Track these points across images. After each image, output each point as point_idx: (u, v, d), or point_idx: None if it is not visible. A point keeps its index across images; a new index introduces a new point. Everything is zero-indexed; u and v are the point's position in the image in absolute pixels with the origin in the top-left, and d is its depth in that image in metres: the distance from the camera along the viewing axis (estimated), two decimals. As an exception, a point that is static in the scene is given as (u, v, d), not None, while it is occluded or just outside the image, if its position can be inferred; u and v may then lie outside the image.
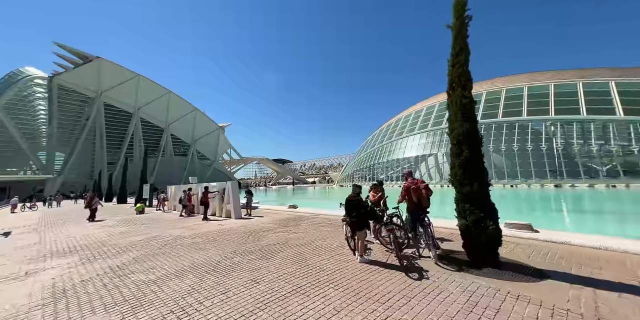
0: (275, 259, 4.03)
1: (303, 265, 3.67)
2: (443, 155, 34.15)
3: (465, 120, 3.28)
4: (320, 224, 7.22)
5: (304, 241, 5.13)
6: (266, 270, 3.53)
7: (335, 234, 5.69)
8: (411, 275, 3.14)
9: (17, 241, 7.21)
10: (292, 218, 8.65)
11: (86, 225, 9.71)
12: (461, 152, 3.20)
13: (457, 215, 3.25)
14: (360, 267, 3.49)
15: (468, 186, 3.04)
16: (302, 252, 4.38)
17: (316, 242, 4.97)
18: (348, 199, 3.84)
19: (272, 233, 6.20)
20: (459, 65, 3.48)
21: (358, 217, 3.63)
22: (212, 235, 6.32)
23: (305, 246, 4.73)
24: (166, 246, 5.44)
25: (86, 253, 5.24)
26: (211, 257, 4.37)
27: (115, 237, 6.80)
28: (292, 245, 4.88)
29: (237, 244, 5.24)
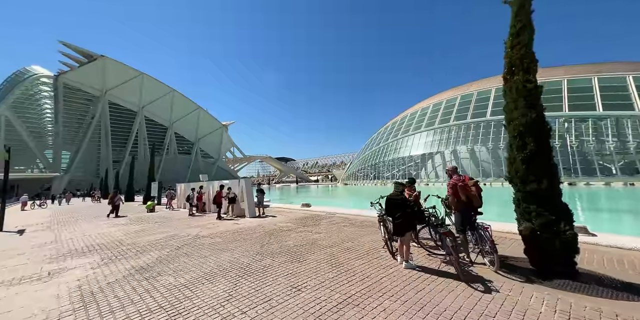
0: (308, 262, 3.81)
1: (342, 270, 3.43)
2: (451, 153, 33.68)
3: (530, 108, 2.89)
4: (340, 223, 7.00)
5: (331, 242, 4.91)
6: (303, 275, 3.30)
7: (362, 235, 5.46)
8: (475, 286, 2.78)
9: (32, 239, 7.13)
10: (309, 217, 8.45)
11: (99, 223, 9.64)
12: (524, 144, 2.82)
13: (519, 217, 2.90)
14: (408, 274, 3.22)
15: (534, 183, 2.69)
16: (334, 254, 4.15)
17: (345, 244, 4.74)
18: (390, 198, 3.54)
19: (293, 233, 6.00)
20: (520, 46, 3.07)
21: (403, 218, 3.34)
22: (231, 235, 6.15)
23: (335, 248, 4.51)
24: (186, 246, 5.28)
25: (106, 252, 5.10)
26: (238, 258, 4.18)
27: (131, 236, 6.68)
28: (320, 246, 4.66)
29: (260, 244, 5.05)
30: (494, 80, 37.31)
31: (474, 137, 31.05)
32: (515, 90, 3.07)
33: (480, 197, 3.45)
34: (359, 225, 6.59)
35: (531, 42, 3.09)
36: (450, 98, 40.11)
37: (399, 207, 3.40)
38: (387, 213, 3.56)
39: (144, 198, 20.43)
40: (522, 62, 3.06)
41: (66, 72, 59.66)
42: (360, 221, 7.19)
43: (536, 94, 2.97)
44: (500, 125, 29.08)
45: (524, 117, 2.86)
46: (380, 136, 51.45)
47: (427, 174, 37.56)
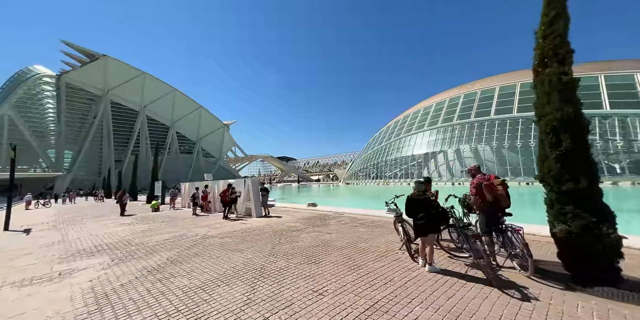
0: (325, 264, 3.70)
1: (362, 273, 3.31)
2: (454, 152, 33.47)
3: (565, 102, 2.70)
4: (350, 223, 6.91)
5: (344, 243, 4.80)
6: (322, 278, 3.19)
7: (375, 236, 5.35)
8: (510, 293, 2.58)
9: (40, 239, 7.09)
10: (316, 217, 8.36)
11: (105, 223, 9.61)
12: (558, 141, 2.64)
13: (552, 219, 2.73)
14: (433, 278, 3.08)
15: (570, 183, 2.52)
16: (350, 256, 4.04)
17: (359, 245, 4.64)
18: (412, 198, 3.41)
19: (303, 233, 5.91)
20: (554, 36, 2.86)
21: (427, 218, 3.21)
22: (240, 235, 6.07)
23: (349, 249, 4.41)
24: (196, 246, 5.20)
25: (115, 253, 5.04)
26: (251, 259, 4.09)
27: (139, 236, 6.62)
28: (334, 247, 4.55)
29: (271, 244, 4.96)
30: (498, 78, 37.02)
31: (478, 137, 30.81)
32: (548, 84, 2.86)
33: (508, 196, 3.26)
34: (370, 225, 6.49)
35: (566, 31, 2.89)
36: (454, 97, 39.82)
37: (422, 208, 3.27)
38: (408, 213, 3.44)
39: (147, 197, 20.44)
40: (556, 53, 2.85)
41: (68, 72, 59.79)
42: (369, 221, 7.09)
43: (572, 87, 2.78)
44: (505, 124, 28.89)
45: (558, 111, 2.66)
46: (382, 135, 51.24)
47: (430, 173, 37.36)
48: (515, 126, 27.62)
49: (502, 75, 37.29)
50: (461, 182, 30.59)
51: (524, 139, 26.23)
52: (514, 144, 26.65)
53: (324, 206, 10.73)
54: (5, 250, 5.87)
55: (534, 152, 25.30)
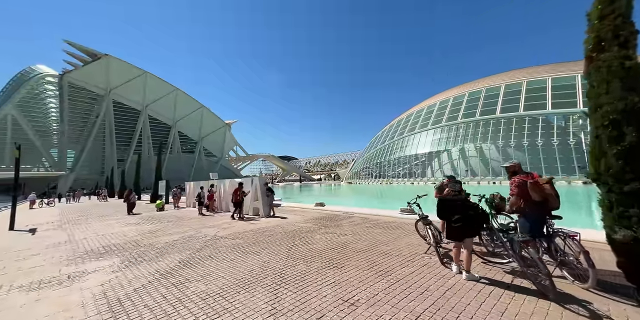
0: (348, 268, 3.49)
1: (391, 279, 3.07)
2: (459, 151, 33.12)
3: (629, 91, 2.34)
4: (362, 224, 6.71)
5: (363, 246, 4.59)
6: (349, 285, 2.96)
7: (394, 238, 5.13)
8: (574, 309, 2.26)
9: (46, 239, 6.96)
10: (326, 217, 8.17)
11: (110, 222, 9.48)
12: (620, 135, 2.31)
13: (611, 223, 2.42)
14: (475, 288, 2.77)
15: (636, 182, 2.20)
16: (373, 260, 3.82)
17: (380, 248, 4.42)
18: (446, 199, 3.15)
19: (317, 234, 5.72)
20: (614, 15, 2.49)
21: (464, 221, 2.92)
22: (251, 236, 5.89)
23: (371, 252, 4.19)
24: (208, 247, 5.03)
25: (124, 254, 4.87)
26: (268, 262, 3.89)
27: (147, 236, 6.46)
28: (353, 250, 4.34)
29: (286, 246, 4.77)
30: (503, 76, 36.53)
31: (483, 135, 30.46)
32: (606, 70, 2.47)
33: (557, 196, 2.90)
34: (385, 226, 6.29)
35: (629, 9, 2.49)
36: (458, 95, 39.39)
37: (458, 209, 2.98)
38: (441, 215, 3.21)
39: (151, 196, 20.35)
40: (616, 34, 2.47)
41: (71, 71, 59.85)
42: (383, 222, 6.89)
43: (637, 73, 2.40)
44: (511, 123, 28.50)
45: (620, 101, 2.30)
46: (385, 134, 50.93)
47: (433, 172, 37.09)
48: (521, 124, 27.25)
49: (507, 73, 36.79)
50: (466, 181, 30.29)
51: (531, 138, 25.89)
52: (520, 142, 26.31)
53: (332, 206, 10.55)
54: (12, 250, 5.74)
55: (541, 151, 24.98)
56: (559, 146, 24.33)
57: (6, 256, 5.24)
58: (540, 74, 30.93)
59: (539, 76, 30.49)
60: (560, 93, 27.23)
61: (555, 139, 24.63)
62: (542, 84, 29.20)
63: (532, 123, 26.65)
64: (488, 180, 27.99)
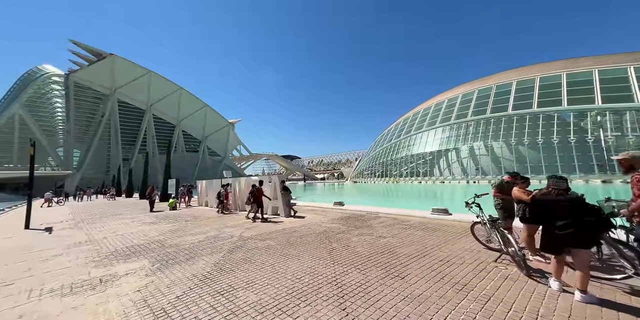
0: (413, 279, 3.07)
1: (478, 295, 2.59)
2: (468, 149, 32.52)
3: None
4: (396, 225, 6.35)
5: (412, 250, 4.19)
6: (430, 302, 2.49)
7: (442, 241, 4.68)
8: None
9: (65, 238, 6.75)
10: (351, 217, 7.85)
11: (126, 221, 9.28)
12: None
13: None
14: (603, 315, 2.17)
15: None
16: (435, 268, 3.37)
17: (434, 253, 4.01)
18: (544, 199, 2.58)
19: (352, 236, 5.40)
20: None
21: (576, 227, 2.31)
22: (281, 237, 5.59)
23: (426, 259, 3.79)
24: (239, 249, 4.74)
25: (152, 255, 4.61)
26: (314, 268, 3.55)
27: (169, 236, 6.20)
28: (404, 256, 3.95)
29: (325, 250, 4.44)
30: (514, 73, 35.74)
31: (495, 133, 29.83)
32: None
33: None
34: (421, 228, 5.92)
35: None
36: (467, 92, 38.68)
37: (566, 212, 2.39)
38: (536, 220, 2.74)
39: (160, 195, 20.21)
40: None
41: (76, 71, 60.18)
42: (417, 223, 6.51)
43: None
44: (524, 120, 27.81)
45: None
46: (390, 133, 50.37)
47: (441, 171, 36.54)
48: (535, 122, 26.58)
49: (518, 70, 36.00)
50: (476, 180, 29.74)
51: (546, 135, 25.21)
52: (534, 140, 25.66)
53: (351, 205, 10.22)
54: (34, 250, 5.52)
55: (557, 148, 24.31)
56: (576, 144, 23.64)
57: (29, 256, 5.02)
58: (553, 70, 30.13)
59: (553, 72, 29.70)
60: (576, 89, 26.45)
61: (572, 137, 23.94)
62: (557, 79, 28.41)
63: (546, 120, 25.94)
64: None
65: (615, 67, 25.77)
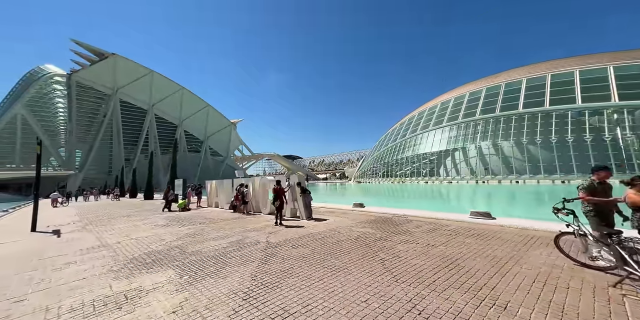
0: (518, 309, 2.43)
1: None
2: (476, 148, 31.94)
3: None
4: (437, 231, 5.81)
5: (482, 264, 3.50)
6: None
7: (508, 252, 3.99)
8: None
9: (75, 242, 6.30)
10: (379, 220, 7.37)
11: (137, 224, 8.82)
12: None
13: None
14: None
15: None
16: (535, 293, 2.72)
17: (511, 269, 3.34)
18: None
19: (393, 243, 4.90)
20: None
21: None
22: (314, 244, 5.10)
23: (510, 278, 3.11)
24: (272, 258, 4.25)
25: (176, 264, 4.13)
26: (377, 288, 2.98)
27: (188, 241, 5.73)
28: (478, 272, 3.29)
29: (374, 261, 3.88)
30: (524, 70, 35.12)
31: (505, 132, 29.23)
32: None
33: None
34: (467, 234, 5.38)
35: None
36: (474, 91, 38.07)
37: None
38: None
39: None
40: None
41: (78, 71, 59.92)
42: (457, 228, 5.98)
43: None
44: (536, 119, 27.23)
45: None
46: (395, 132, 49.81)
47: (448, 171, 35.97)
48: (548, 120, 25.96)
49: (528, 67, 35.35)
50: (486, 180, 29.19)
51: (560, 134, 24.59)
52: (547, 139, 25.04)
53: (372, 207, 9.73)
54: (43, 256, 5.07)
55: (572, 147, 23.70)
56: (592, 143, 23.01)
57: (40, 264, 4.56)
58: (565, 67, 29.49)
59: (565, 69, 29.05)
60: (590, 86, 25.82)
61: (588, 135, 23.31)
62: (569, 77, 27.78)
63: (560, 118, 25.32)
64: (510, 180, 26.86)
65: (633, 63, 25.06)
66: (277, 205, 7.17)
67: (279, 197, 7.17)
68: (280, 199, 7.14)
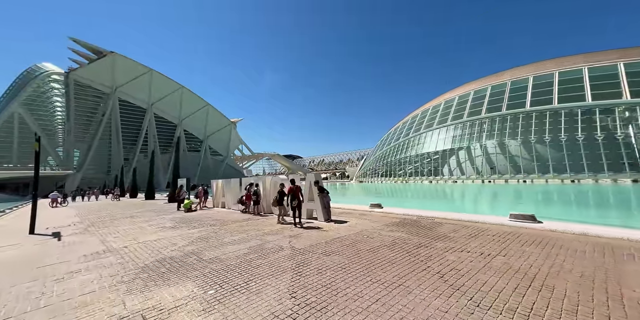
0: None
1: None
2: (482, 147, 31.54)
3: None
4: (479, 235, 5.26)
5: (580, 286, 2.83)
6: None
7: (594, 267, 3.34)
8: None
9: (77, 246, 5.77)
10: (405, 223, 6.87)
11: (142, 225, 8.29)
12: None
13: None
14: None
15: None
16: None
17: (614, 290, 2.75)
18: None
19: (439, 251, 4.37)
20: None
21: None
22: (346, 250, 4.57)
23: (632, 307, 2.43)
24: (306, 268, 3.73)
25: (196, 275, 3.61)
26: (457, 315, 2.39)
27: (203, 246, 5.21)
28: (582, 295, 2.69)
29: (429, 274, 3.35)
30: (530, 68, 34.71)
31: (512, 130, 28.82)
32: None
33: None
34: (521, 240, 4.79)
35: None
36: (479, 89, 37.66)
37: None
38: None
39: (169, 196, 19.22)
40: None
41: (76, 69, 59.05)
42: (502, 232, 5.41)
43: None
44: (544, 117, 26.82)
45: None
46: (398, 131, 49.38)
47: (452, 170, 35.57)
48: (557, 118, 25.56)
49: (534, 65, 34.93)
50: (492, 179, 28.79)
51: (570, 132, 24.17)
52: (557, 137, 24.63)
53: (391, 208, 9.23)
54: (44, 263, 4.53)
55: (583, 146, 23.29)
56: (603, 141, 22.61)
57: (40, 273, 4.03)
58: (572, 64, 29.09)
59: (573, 66, 28.65)
60: (600, 83, 25.42)
61: (599, 133, 22.92)
62: (578, 74, 27.37)
63: (569, 116, 24.92)
64: (517, 179, 26.48)
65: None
66: (295, 205, 6.67)
67: (296, 196, 6.66)
68: (297, 198, 6.64)
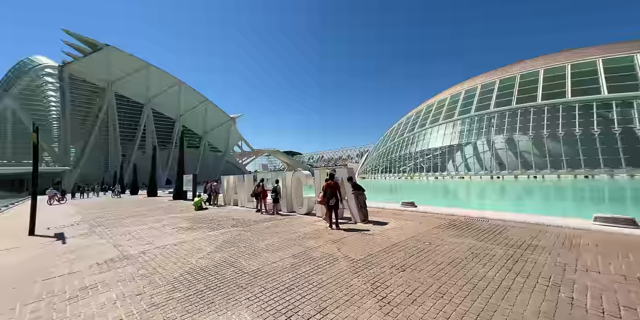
0: None
1: None
2: (490, 143, 30.90)
3: None
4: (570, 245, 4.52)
5: None
6: None
7: None
8: None
9: (86, 251, 5.01)
10: (454, 224, 6.17)
11: (153, 225, 7.49)
12: None
13: None
14: None
15: None
16: None
17: None
18: None
19: (550, 268, 3.59)
20: None
21: None
22: (419, 264, 3.83)
23: None
24: (385, 290, 3.00)
25: (247, 296, 2.86)
26: None
27: (233, 253, 4.46)
28: None
29: (577, 308, 2.72)
30: (538, 61, 33.81)
31: (523, 125, 28.11)
32: None
33: None
34: (635, 251, 4.01)
35: None
36: (486, 83, 36.76)
37: None
38: None
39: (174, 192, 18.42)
40: None
41: (71, 63, 56.95)
42: (602, 241, 4.50)
43: None
44: (557, 111, 26.09)
45: None
46: (402, 127, 48.55)
47: (457, 166, 35.04)
48: (570, 112, 24.85)
49: (544, 57, 34.00)
50: (501, 175, 28.30)
51: (585, 126, 23.50)
52: (571, 132, 23.97)
53: (425, 206, 8.53)
54: (48, 275, 3.74)
55: (599, 140, 22.69)
56: (621, 135, 22.02)
57: (47, 288, 3.25)
58: (585, 56, 28.25)
59: (586, 58, 27.81)
60: (616, 75, 24.65)
61: (616, 127, 22.31)
62: (592, 66, 26.53)
63: (584, 110, 24.25)
64: (528, 175, 26.00)
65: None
66: (333, 204, 5.93)
67: (334, 193, 5.92)
68: (336, 197, 5.91)
